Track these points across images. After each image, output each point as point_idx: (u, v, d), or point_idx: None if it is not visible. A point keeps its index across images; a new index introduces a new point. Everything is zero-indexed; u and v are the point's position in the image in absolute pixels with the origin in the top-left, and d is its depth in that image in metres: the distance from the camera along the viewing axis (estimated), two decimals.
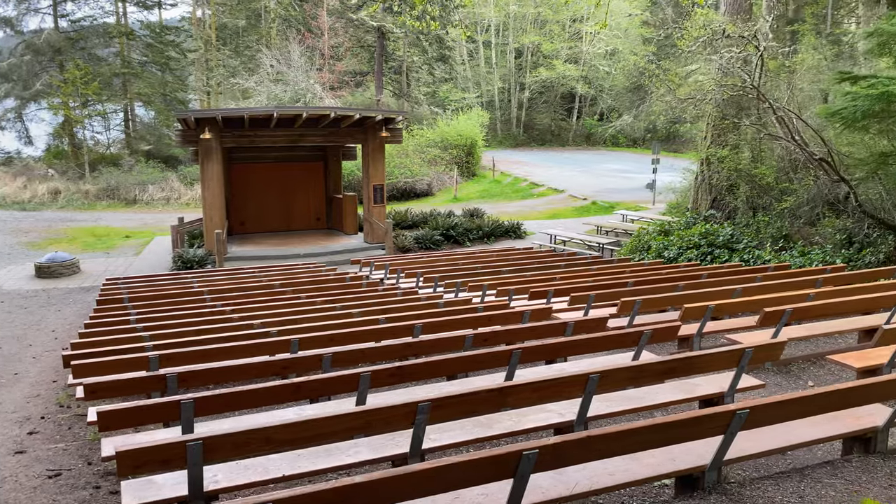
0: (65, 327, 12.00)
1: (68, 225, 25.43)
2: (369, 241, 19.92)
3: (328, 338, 6.60)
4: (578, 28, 54.87)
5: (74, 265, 17.60)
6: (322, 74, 37.95)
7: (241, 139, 18.17)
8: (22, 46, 34.92)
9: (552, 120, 56.94)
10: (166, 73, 37.57)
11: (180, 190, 30.88)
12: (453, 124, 40.28)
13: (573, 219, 26.23)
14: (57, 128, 36.29)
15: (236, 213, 20.55)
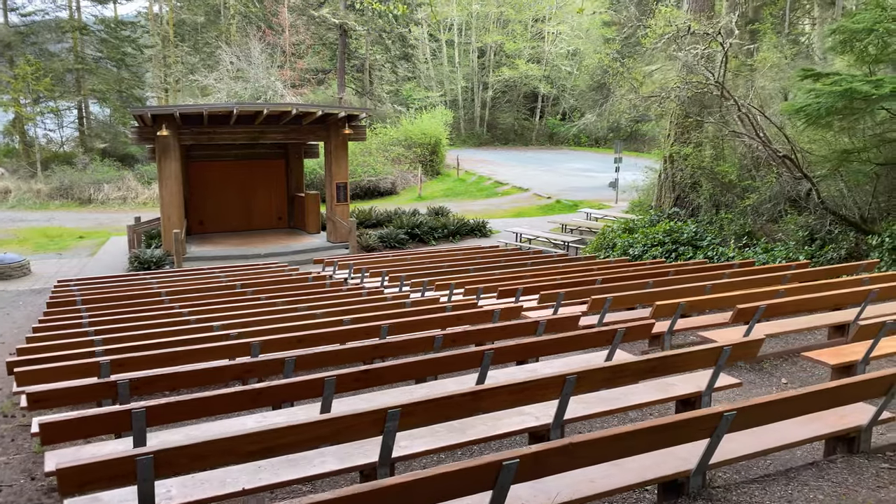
0: (13, 332, 11.46)
1: (18, 225, 24.52)
2: (332, 240, 19.59)
3: (291, 340, 6.34)
4: (541, 28, 55.08)
5: (24, 266, 16.93)
6: (283, 72, 37.38)
7: (200, 136, 17.68)
8: None
9: (515, 119, 57.07)
10: (122, 69, 36.58)
11: (137, 189, 30.06)
12: (417, 123, 40.05)
13: (538, 217, 26.25)
14: (7, 125, 35.02)
15: (195, 212, 20.01)
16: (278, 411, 4.77)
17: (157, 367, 5.73)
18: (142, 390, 4.77)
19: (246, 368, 5.17)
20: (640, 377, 4.25)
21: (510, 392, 3.71)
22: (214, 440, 3.04)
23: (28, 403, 4.42)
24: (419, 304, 8.58)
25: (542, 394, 3.83)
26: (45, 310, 10.21)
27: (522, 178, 36.00)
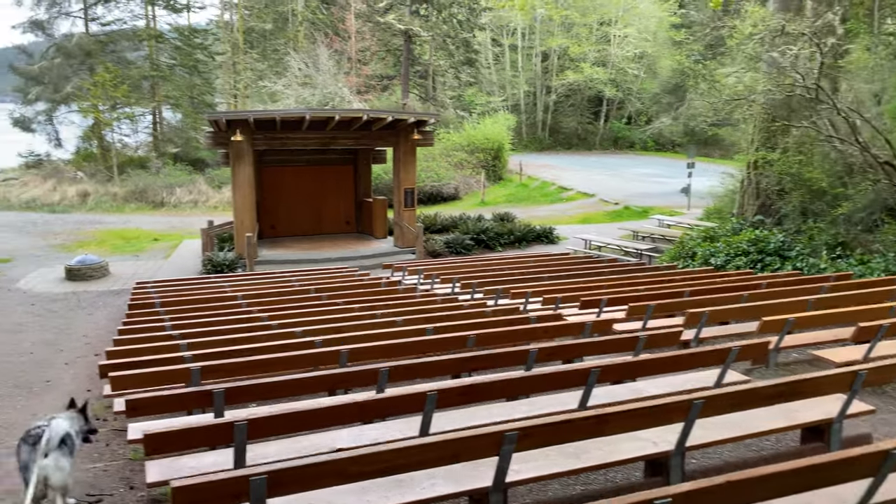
0: (96, 332, 11.73)
1: (97, 227, 25.37)
2: (399, 245, 19.54)
3: (375, 349, 6.19)
4: (606, 31, 54.26)
5: (104, 268, 17.42)
6: (349, 78, 37.75)
7: (273, 141, 17.89)
8: (53, 50, 35.14)
9: (579, 123, 56.32)
10: (194, 75, 37.60)
11: (208, 193, 30.76)
12: (480, 128, 39.86)
13: (606, 224, 25.68)
14: (86, 130, 36.43)
15: (267, 216, 20.27)
16: (372, 425, 4.60)
17: (245, 374, 5.67)
18: (235, 399, 4.67)
19: (339, 379, 5.03)
20: (769, 402, 3.91)
21: (632, 416, 3.44)
22: (329, 461, 2.87)
23: (126, 410, 4.38)
24: (500, 314, 8.34)
25: (665, 417, 3.54)
26: (127, 311, 10.38)
27: (587, 183, 35.38)
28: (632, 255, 18.33)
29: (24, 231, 24.25)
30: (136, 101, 34.50)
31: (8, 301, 14.46)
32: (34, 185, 31.31)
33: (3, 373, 8.61)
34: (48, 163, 35.70)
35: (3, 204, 29.44)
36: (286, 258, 18.27)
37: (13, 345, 10.38)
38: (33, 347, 10.27)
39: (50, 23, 34.85)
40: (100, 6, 35.71)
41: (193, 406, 4.76)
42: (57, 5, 34.82)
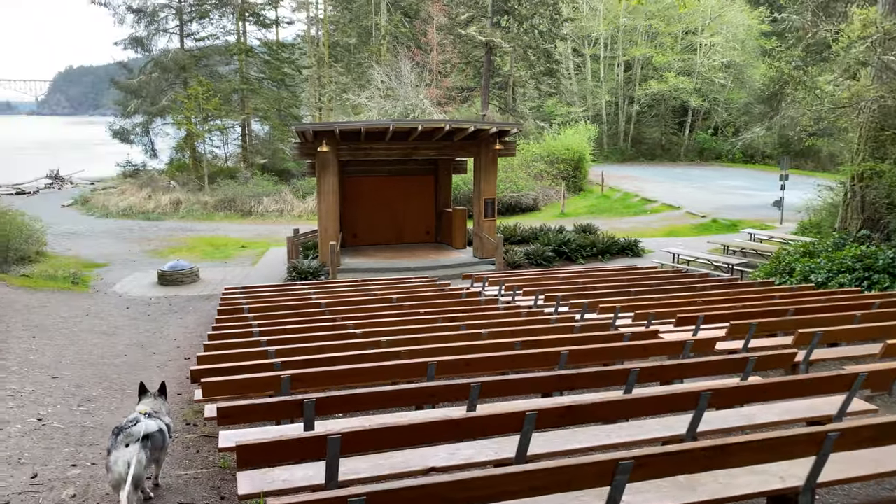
0: (186, 336, 12.05)
1: (188, 234, 26.35)
2: (479, 255, 19.38)
3: (464, 363, 6.01)
4: (692, 40, 52.79)
5: (194, 273, 18.00)
6: (430, 90, 38.05)
7: (357, 152, 18.10)
8: (151, 65, 36.97)
9: (662, 134, 54.99)
10: (282, 89, 38.78)
11: (293, 202, 31.54)
12: (560, 138, 39.39)
13: (693, 237, 24.78)
14: (179, 142, 38.10)
15: (349, 225, 20.54)
16: (465, 444, 4.40)
17: (333, 384, 5.59)
18: (324, 410, 4.57)
19: (428, 392, 4.86)
20: None
21: (759, 448, 3.11)
22: (430, 485, 2.69)
23: (217, 418, 4.34)
24: (589, 329, 8.02)
25: (794, 451, 3.20)
26: (216, 317, 10.58)
27: (672, 195, 34.34)
28: (722, 270, 17.54)
29: (121, 237, 25.43)
30: (227, 114, 35.83)
31: (104, 304, 15.10)
32: (131, 194, 32.90)
33: (99, 375, 8.90)
34: (144, 172, 37.54)
35: (103, 211, 31.04)
36: (367, 266, 18.41)
37: (108, 347, 10.76)
38: (127, 350, 10.63)
39: (148, 39, 36.74)
40: (194, 23, 37.36)
41: (284, 416, 4.70)
42: (155, 23, 36.65)
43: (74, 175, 45.17)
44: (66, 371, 8.83)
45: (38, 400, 7.28)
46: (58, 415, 6.79)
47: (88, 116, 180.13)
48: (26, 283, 16.21)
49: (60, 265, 19.22)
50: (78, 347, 10.46)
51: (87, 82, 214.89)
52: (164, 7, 36.56)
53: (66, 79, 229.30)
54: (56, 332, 11.45)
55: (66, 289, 16.44)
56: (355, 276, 17.13)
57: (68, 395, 7.61)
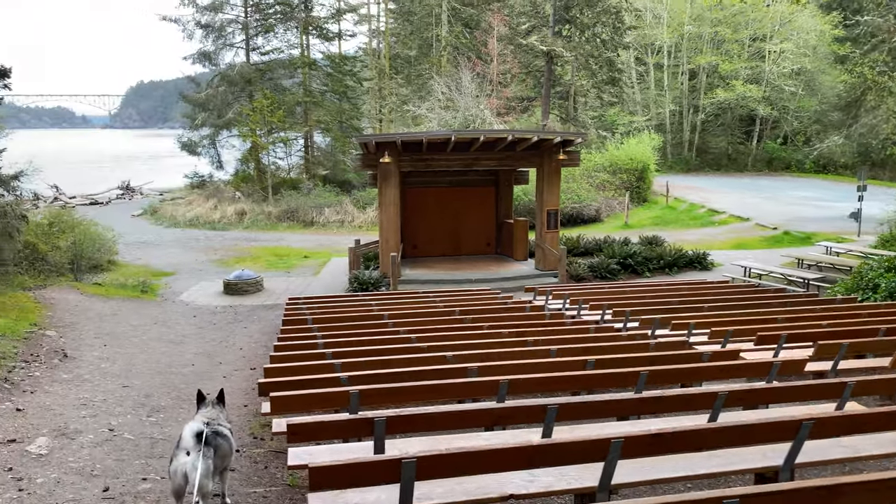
0: (250, 345, 12.16)
1: (252, 244, 26.85)
2: (541, 268, 19.05)
3: (536, 382, 5.77)
4: (760, 47, 51.25)
5: (259, 283, 18.25)
6: (490, 101, 37.94)
7: (418, 163, 18.07)
8: (218, 78, 38.01)
9: (728, 143, 53.45)
10: (343, 101, 39.30)
11: (353, 213, 31.85)
12: (623, 148, 38.70)
13: (763, 250, 23.87)
14: (245, 153, 39.00)
15: (409, 236, 20.53)
16: (543, 469, 4.17)
17: (401, 401, 5.44)
18: (395, 428, 4.41)
19: (500, 414, 4.65)
20: None
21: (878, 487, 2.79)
22: None
23: (288, 435, 4.24)
24: (664, 348, 7.66)
25: None
26: (281, 327, 10.62)
27: (739, 206, 33.25)
28: (796, 285, 16.75)
29: (188, 247, 26.09)
30: (290, 126, 36.50)
31: (172, 313, 15.42)
32: (197, 204, 33.83)
33: (168, 385, 9.01)
34: (210, 183, 38.57)
35: (171, 221, 31.98)
36: (427, 278, 18.32)
37: (176, 356, 10.93)
38: (194, 359, 10.76)
39: (216, 54, 37.78)
40: (260, 37, 38.28)
41: (353, 434, 4.57)
42: (223, 37, 37.69)
43: (144, 186, 46.83)
44: (136, 380, 8.98)
45: (109, 410, 7.39)
46: (128, 425, 6.86)
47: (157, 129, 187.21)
48: (99, 291, 16.71)
49: (131, 274, 19.79)
50: (147, 356, 10.66)
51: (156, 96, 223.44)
52: (231, 22, 37.60)
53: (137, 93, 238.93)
54: (126, 341, 11.71)
55: (135, 297, 16.89)
56: (415, 288, 17.05)
57: (138, 405, 7.71)
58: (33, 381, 8.25)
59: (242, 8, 37.43)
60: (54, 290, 15.19)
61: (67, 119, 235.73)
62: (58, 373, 8.82)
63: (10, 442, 6.07)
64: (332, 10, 39.59)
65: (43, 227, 18.48)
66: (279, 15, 37.83)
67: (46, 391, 7.92)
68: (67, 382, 8.44)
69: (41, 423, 6.72)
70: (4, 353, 8.97)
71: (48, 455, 5.83)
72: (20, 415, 6.93)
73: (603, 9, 42.13)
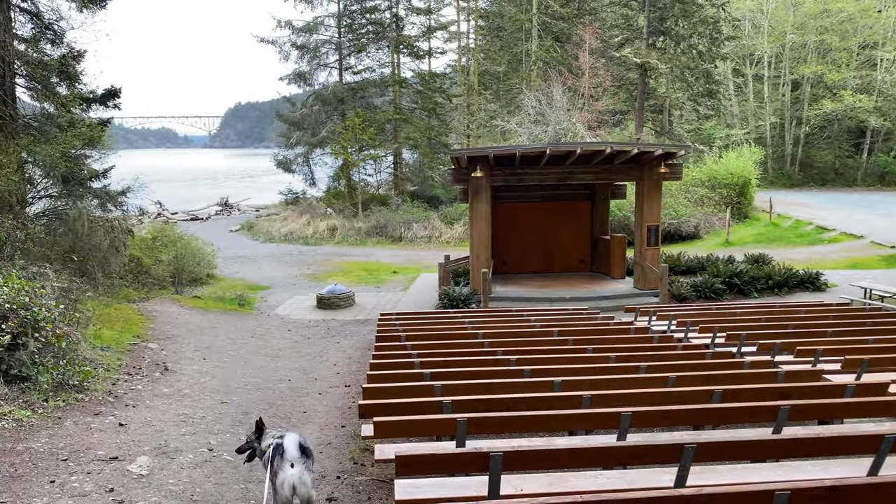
0: (344, 361, 12.04)
1: (343, 259, 27.14)
2: (640, 286, 18.22)
3: (657, 415, 5.23)
4: (871, 54, 48.18)
5: (350, 298, 18.28)
6: (581, 114, 37.19)
7: (510, 177, 17.68)
8: (312, 98, 38.99)
9: (836, 157, 50.43)
10: (432, 118, 39.47)
11: (441, 229, 31.77)
12: (723, 162, 37.02)
13: (882, 270, 22.10)
14: (337, 170, 39.76)
15: (499, 252, 20.11)
16: None
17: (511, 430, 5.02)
18: (512, 465, 4.00)
19: (627, 453, 4.16)
20: None
21: None
22: None
23: (397, 467, 3.91)
24: (794, 378, 6.92)
25: None
26: (376, 344, 10.40)
27: (850, 222, 31.10)
28: None
29: (283, 261, 26.63)
30: (380, 143, 36.94)
31: (268, 326, 15.58)
32: (291, 220, 34.64)
33: (265, 401, 8.93)
34: (303, 200, 39.51)
35: (266, 236, 32.85)
36: (519, 295, 17.85)
37: (273, 371, 10.91)
38: (290, 374, 10.70)
39: (310, 74, 38.81)
40: (352, 57, 39.03)
41: (467, 469, 4.19)
42: (317, 58, 38.68)
43: (241, 202, 48.54)
44: (233, 396, 8.95)
45: (208, 427, 7.32)
46: (227, 445, 6.74)
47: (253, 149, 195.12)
48: (198, 304, 17.14)
49: (228, 287, 20.27)
50: (244, 370, 10.68)
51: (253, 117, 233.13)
52: (325, 43, 38.55)
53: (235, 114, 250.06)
54: (224, 354, 11.82)
55: (233, 310, 17.21)
56: (506, 305, 16.61)
57: (236, 423, 7.62)
58: (135, 395, 8.33)
59: (336, 28, 38.32)
60: (156, 302, 15.65)
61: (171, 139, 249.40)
62: (159, 386, 8.89)
63: (112, 460, 6.05)
64: (422, 28, 39.95)
65: (147, 242, 19.22)
66: (371, 35, 38.51)
67: (148, 406, 7.97)
68: (168, 397, 8.48)
69: (143, 439, 6.70)
70: (109, 365, 9.14)
71: (149, 476, 5.76)
72: (122, 430, 6.95)
73: (700, 19, 40.69)
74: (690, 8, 40.33)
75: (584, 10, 43.27)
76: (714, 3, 41.04)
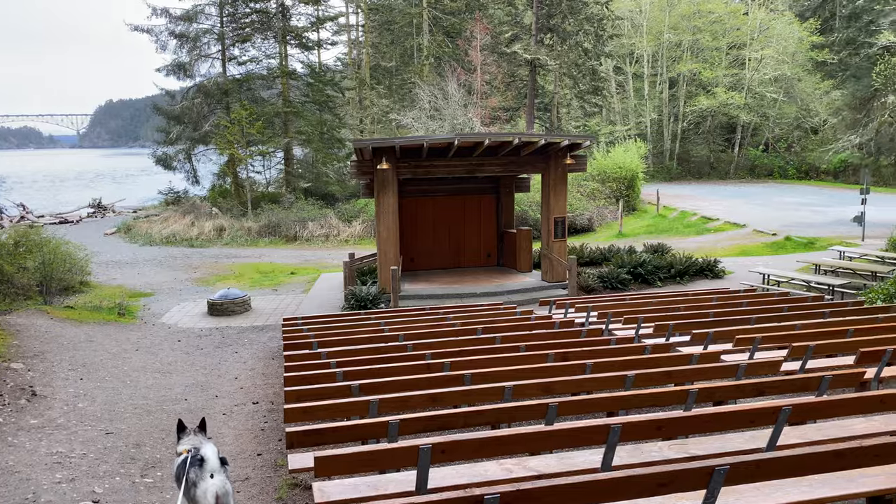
0: (247, 374, 10.81)
1: (234, 261, 25.40)
2: (548, 279, 17.95)
3: (655, 426, 4.58)
4: (739, 54, 51.13)
5: (246, 303, 16.88)
6: (476, 111, 36.99)
7: (417, 170, 16.87)
8: (193, 90, 36.52)
9: (710, 151, 53.19)
10: (324, 111, 38.00)
11: (339, 227, 30.54)
12: (611, 156, 37.94)
13: (769, 256, 23.06)
14: (222, 167, 37.48)
15: (405, 249, 19.25)
16: None
17: (481, 456, 4.21)
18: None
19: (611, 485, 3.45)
20: None
21: None
22: None
23: None
24: (756, 371, 6.54)
25: None
26: (285, 353, 9.31)
27: (731, 212, 32.63)
28: (820, 292, 15.79)
29: (166, 265, 24.57)
30: (270, 138, 35.10)
31: (155, 337, 13.99)
32: (174, 221, 32.23)
33: (160, 427, 7.61)
34: (186, 199, 36.93)
35: (146, 239, 30.35)
36: (429, 293, 17.11)
37: (165, 389, 9.52)
38: (187, 393, 9.36)
39: (191, 65, 36.29)
40: (236, 47, 36.87)
41: None
42: (198, 48, 36.24)
43: (116, 204, 44.99)
44: (120, 423, 7.58)
45: (91, 469, 5.97)
46: (117, 492, 5.45)
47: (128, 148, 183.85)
48: (71, 314, 15.19)
49: (105, 295, 18.27)
50: (132, 390, 9.25)
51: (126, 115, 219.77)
52: (206, 32, 36.18)
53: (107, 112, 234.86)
54: (105, 372, 10.28)
55: (112, 321, 15.40)
56: (416, 303, 15.84)
57: (127, 460, 6.31)
58: None
59: (218, 17, 36.05)
60: (21, 315, 13.67)
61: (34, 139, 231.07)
62: (25, 417, 7.39)
63: None
64: (311, 18, 38.34)
65: (8, 247, 16.88)
66: (257, 24, 36.50)
67: (11, 444, 6.49)
68: (37, 430, 7.02)
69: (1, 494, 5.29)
70: None
71: None
72: None
73: (586, 16, 41.56)
74: (577, 5, 41.09)
75: (473, 5, 43.12)
76: (598, 0, 42.04)
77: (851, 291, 16.00)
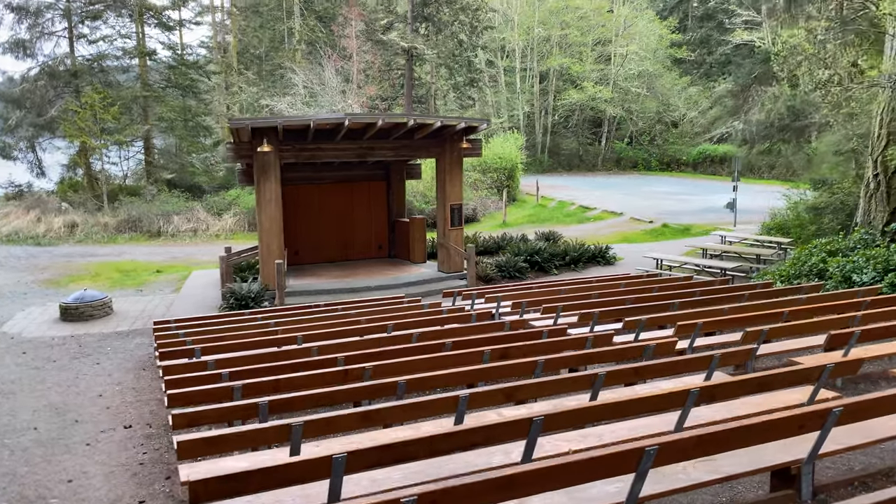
0: (113, 389, 9.11)
1: (89, 260, 22.65)
2: (445, 269, 17.13)
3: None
4: (603, 49, 52.88)
5: (107, 305, 14.77)
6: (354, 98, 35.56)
7: (303, 153, 15.44)
8: (36, 72, 32.48)
9: (579, 144, 54.70)
10: (188, 97, 35.08)
11: (208, 220, 28.16)
12: (491, 147, 37.82)
13: (651, 243, 23.58)
14: (73, 157, 33.64)
15: (289, 241, 17.69)
16: None
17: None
18: None
19: None
20: None
21: None
22: None
23: None
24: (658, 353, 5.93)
25: None
26: (161, 364, 7.83)
27: (606, 202, 33.50)
28: (713, 275, 16.03)
29: (7, 266, 21.50)
30: (127, 126, 31.85)
31: None
32: (15, 217, 28.45)
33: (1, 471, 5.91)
34: (30, 194, 32.75)
35: None
36: (318, 288, 15.81)
37: (7, 416, 7.68)
38: (36, 419, 7.57)
39: (32, 42, 32.20)
40: (86, 25, 33.18)
41: None
42: (39, 24, 32.25)
43: None
44: None
45: None
46: None
47: None
48: None
49: None
50: None
51: None
52: (49, 7, 32.24)
53: None
54: None
55: None
56: (304, 300, 14.52)
57: None
58: None
59: None
60: None
61: None
62: None
63: None
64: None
65: None
66: (109, 1, 32.96)
67: None
68: None
69: None
70: None
71: None
72: None
73: (461, 6, 41.11)
74: None
75: None
76: None
77: (741, 274, 16.38)
